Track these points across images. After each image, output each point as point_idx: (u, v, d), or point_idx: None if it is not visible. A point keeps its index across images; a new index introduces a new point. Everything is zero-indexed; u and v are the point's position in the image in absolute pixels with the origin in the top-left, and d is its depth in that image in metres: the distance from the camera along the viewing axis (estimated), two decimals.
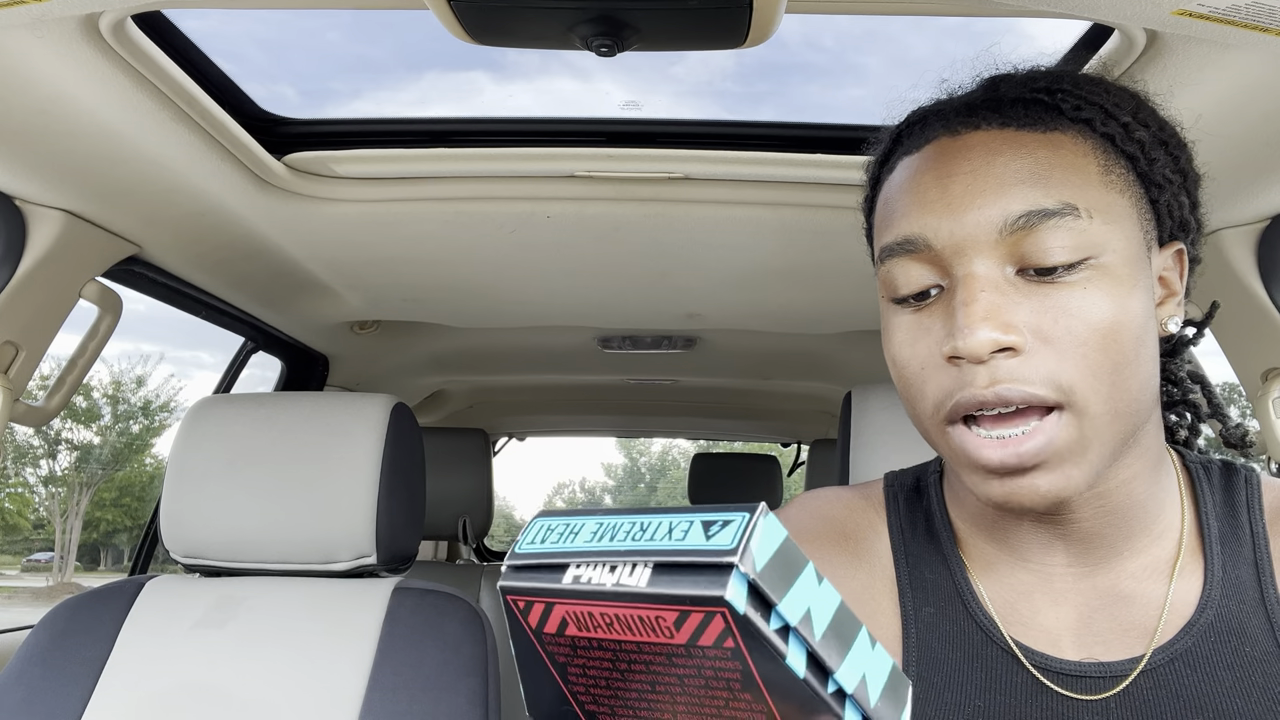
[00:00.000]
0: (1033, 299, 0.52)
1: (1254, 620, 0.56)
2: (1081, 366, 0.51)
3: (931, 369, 0.54)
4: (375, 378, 2.33)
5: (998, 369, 0.51)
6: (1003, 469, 0.51)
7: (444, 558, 3.51)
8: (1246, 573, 0.58)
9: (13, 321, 1.15)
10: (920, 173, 0.57)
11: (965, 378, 0.52)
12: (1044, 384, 0.51)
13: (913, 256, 0.55)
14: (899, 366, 0.57)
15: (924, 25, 0.92)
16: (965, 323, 0.51)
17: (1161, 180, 0.57)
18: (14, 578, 22.20)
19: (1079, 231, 0.52)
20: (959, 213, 0.53)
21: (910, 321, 0.56)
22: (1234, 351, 1.19)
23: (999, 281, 0.52)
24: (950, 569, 0.62)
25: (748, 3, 0.71)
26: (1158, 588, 0.58)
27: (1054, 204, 0.52)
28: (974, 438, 0.52)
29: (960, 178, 0.54)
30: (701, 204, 1.25)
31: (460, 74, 1.26)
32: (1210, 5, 0.62)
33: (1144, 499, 0.58)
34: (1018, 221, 0.52)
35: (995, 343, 0.50)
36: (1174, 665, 0.56)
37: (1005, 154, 0.54)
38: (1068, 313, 0.51)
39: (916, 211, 0.55)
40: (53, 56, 0.83)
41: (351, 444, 1.19)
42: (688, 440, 5.84)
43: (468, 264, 1.50)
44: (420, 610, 1.14)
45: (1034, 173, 0.53)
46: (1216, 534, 0.59)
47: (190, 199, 1.17)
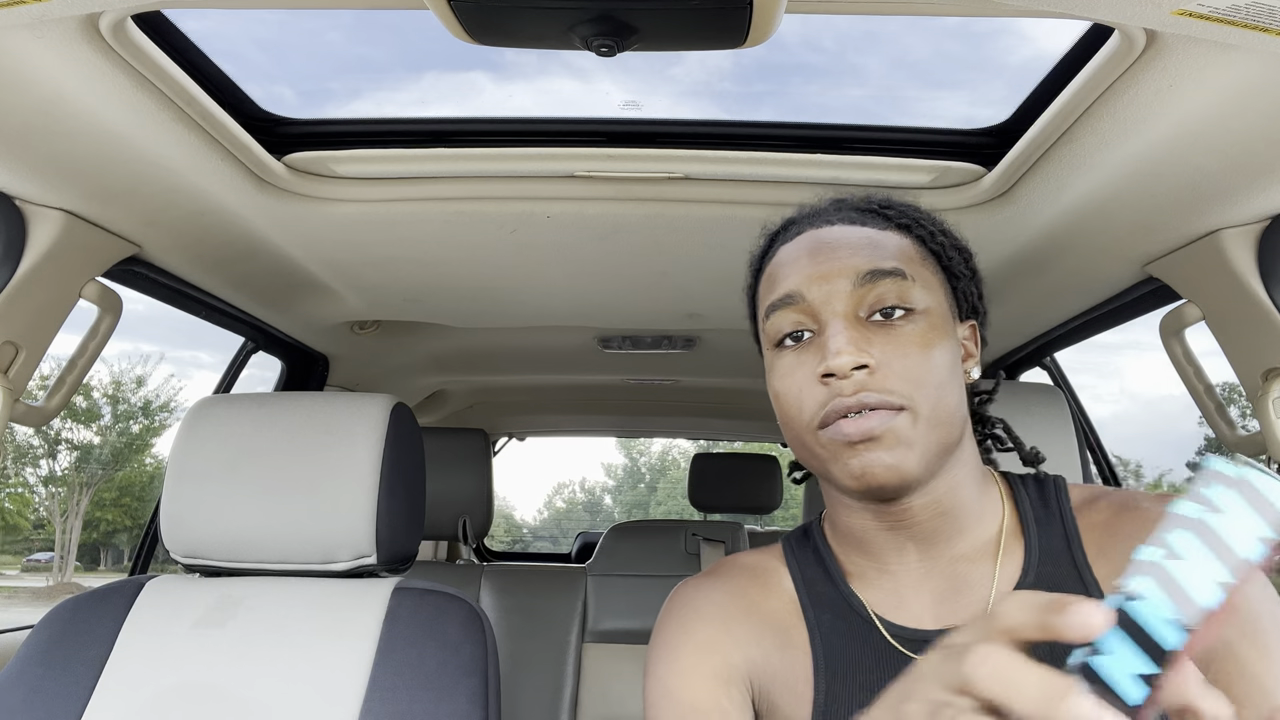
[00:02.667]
0: (879, 335, 0.71)
1: (1068, 577, 0.74)
2: (914, 383, 0.70)
3: (808, 389, 0.72)
4: (375, 378, 2.33)
5: (859, 383, 0.69)
6: (860, 436, 0.69)
7: (444, 558, 3.51)
8: (1058, 543, 0.76)
9: (13, 321, 1.15)
10: (796, 252, 0.77)
11: (835, 391, 0.70)
12: (891, 393, 0.69)
13: (791, 308, 0.75)
14: (781, 393, 0.75)
15: (924, 25, 0.92)
16: (834, 349, 0.70)
17: (959, 273, 0.79)
18: (14, 578, 22.20)
19: (907, 289, 0.73)
20: (825, 273, 0.74)
21: (790, 358, 0.75)
22: (1234, 351, 1.19)
23: (855, 322, 0.72)
24: (836, 583, 0.80)
25: (748, 3, 0.71)
26: (988, 566, 0.76)
27: (889, 266, 0.73)
28: (834, 424, 0.70)
29: (824, 251, 0.75)
30: (701, 204, 1.25)
31: (460, 74, 1.26)
32: (1210, 5, 0.62)
33: (969, 501, 0.76)
34: (864, 277, 0.73)
35: (856, 362, 0.69)
36: None
37: (855, 237, 0.76)
38: (904, 345, 0.71)
39: (795, 276, 0.75)
40: (53, 56, 0.83)
41: (351, 444, 1.19)
42: (688, 440, 5.84)
43: (468, 264, 1.50)
44: (420, 610, 1.14)
45: (875, 247, 0.75)
46: (1033, 518, 0.78)
47: (190, 199, 1.17)
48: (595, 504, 38.49)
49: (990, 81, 1.29)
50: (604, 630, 2.13)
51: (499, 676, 1.13)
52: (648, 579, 2.19)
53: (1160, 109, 0.88)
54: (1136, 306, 1.45)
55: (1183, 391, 1.34)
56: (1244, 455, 1.22)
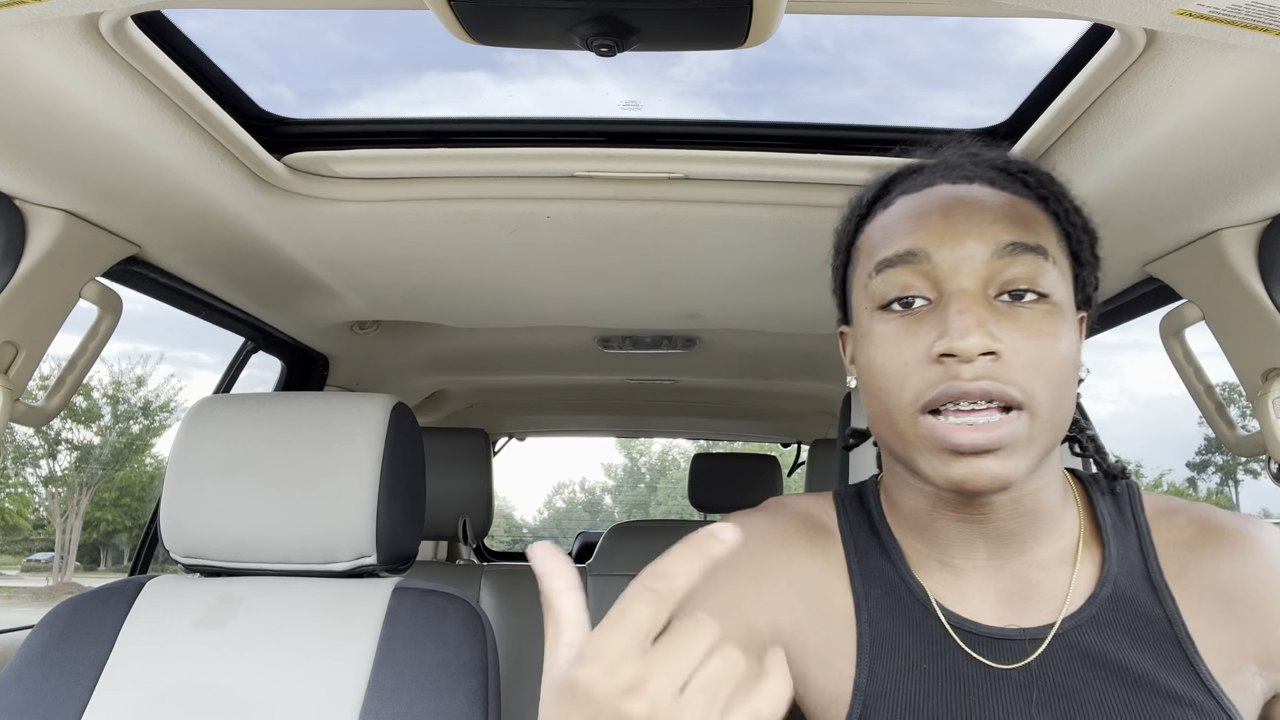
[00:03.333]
0: (1006, 319, 0.63)
1: (1143, 592, 0.69)
2: (1041, 378, 0.62)
3: (915, 365, 0.64)
4: (375, 378, 2.33)
5: (981, 368, 0.61)
6: (972, 449, 0.61)
7: (444, 558, 3.51)
8: (1135, 556, 0.71)
9: (13, 321, 1.15)
10: (924, 205, 0.68)
11: (952, 372, 0.62)
12: (1015, 386, 0.61)
13: (910, 268, 0.65)
14: (880, 365, 0.66)
15: (924, 26, 0.92)
16: (962, 326, 0.61)
17: (1085, 259, 0.71)
18: (14, 578, 22.19)
19: (1045, 271, 0.64)
20: (959, 238, 0.65)
21: (897, 326, 0.66)
22: (1234, 351, 1.19)
23: (984, 300, 0.64)
24: (891, 559, 0.74)
25: (748, 3, 0.71)
26: (1063, 573, 0.71)
27: (1033, 242, 0.65)
28: (946, 424, 0.62)
29: (961, 211, 0.66)
30: (701, 204, 1.25)
31: (460, 74, 1.26)
32: (1210, 5, 0.62)
33: (1050, 505, 0.70)
34: (1005, 249, 0.64)
35: (985, 346, 0.61)
36: (1081, 630, 0.68)
37: (996, 202, 0.67)
38: (1035, 335, 0.63)
39: (921, 232, 0.66)
40: (53, 56, 0.83)
41: (351, 444, 1.19)
42: (688, 440, 5.84)
43: (468, 264, 1.50)
44: (420, 610, 1.14)
45: (1018, 218, 0.66)
46: (1110, 526, 0.73)
47: (190, 199, 1.17)
48: (595, 504, 38.49)
49: (990, 81, 1.29)
50: None
51: (499, 677, 1.13)
52: None
53: (1160, 109, 0.88)
54: (1136, 306, 1.45)
55: (1183, 391, 1.34)
56: (1244, 455, 1.22)
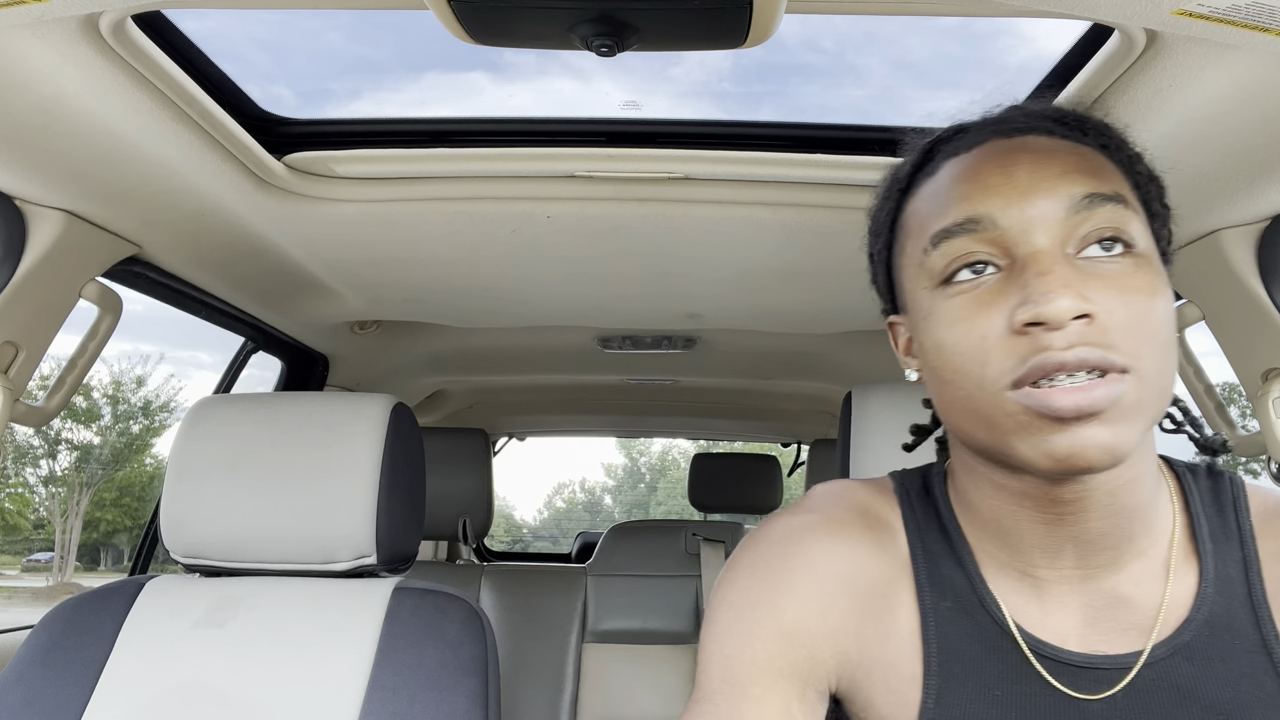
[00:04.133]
0: (1095, 278, 0.55)
1: (1241, 614, 0.60)
2: (1143, 338, 0.54)
3: (995, 340, 0.56)
4: (375, 378, 2.33)
5: (1075, 334, 0.53)
6: (1075, 412, 0.52)
7: (444, 558, 3.51)
8: (1235, 570, 0.62)
9: (13, 321, 1.15)
10: (979, 164, 0.60)
11: (1042, 343, 0.53)
12: (1116, 350, 0.53)
13: (974, 236, 0.58)
14: (952, 343, 0.58)
15: (924, 26, 0.92)
16: (1045, 289, 0.53)
17: (1155, 209, 0.63)
18: (14, 578, 22.18)
19: (1129, 220, 0.57)
20: (1026, 195, 0.57)
21: (965, 301, 0.58)
22: (1234, 351, 1.19)
23: (1066, 259, 0.56)
24: (964, 567, 0.65)
25: (748, 3, 0.71)
26: (1155, 588, 0.62)
27: (1110, 191, 0.57)
28: (1042, 391, 0.53)
29: (1024, 166, 0.58)
30: (701, 204, 1.25)
31: (460, 74, 1.26)
32: (1210, 5, 0.62)
33: (1145, 501, 0.61)
34: (1081, 202, 0.56)
35: (1076, 308, 0.53)
36: (1173, 659, 0.60)
37: (1061, 151, 0.59)
38: (1129, 290, 0.55)
39: (980, 195, 0.58)
40: (53, 56, 0.83)
41: (351, 444, 1.19)
42: (688, 440, 5.84)
43: (468, 264, 1.50)
44: (420, 610, 1.14)
45: (1088, 166, 0.58)
46: (1208, 533, 0.63)
47: (190, 199, 1.17)
48: (595, 504, 38.48)
49: (990, 82, 1.29)
50: (604, 630, 2.13)
51: (499, 676, 1.13)
52: (648, 579, 2.19)
53: (1160, 109, 0.88)
54: None
55: (1183, 391, 1.34)
56: (1244, 455, 1.22)
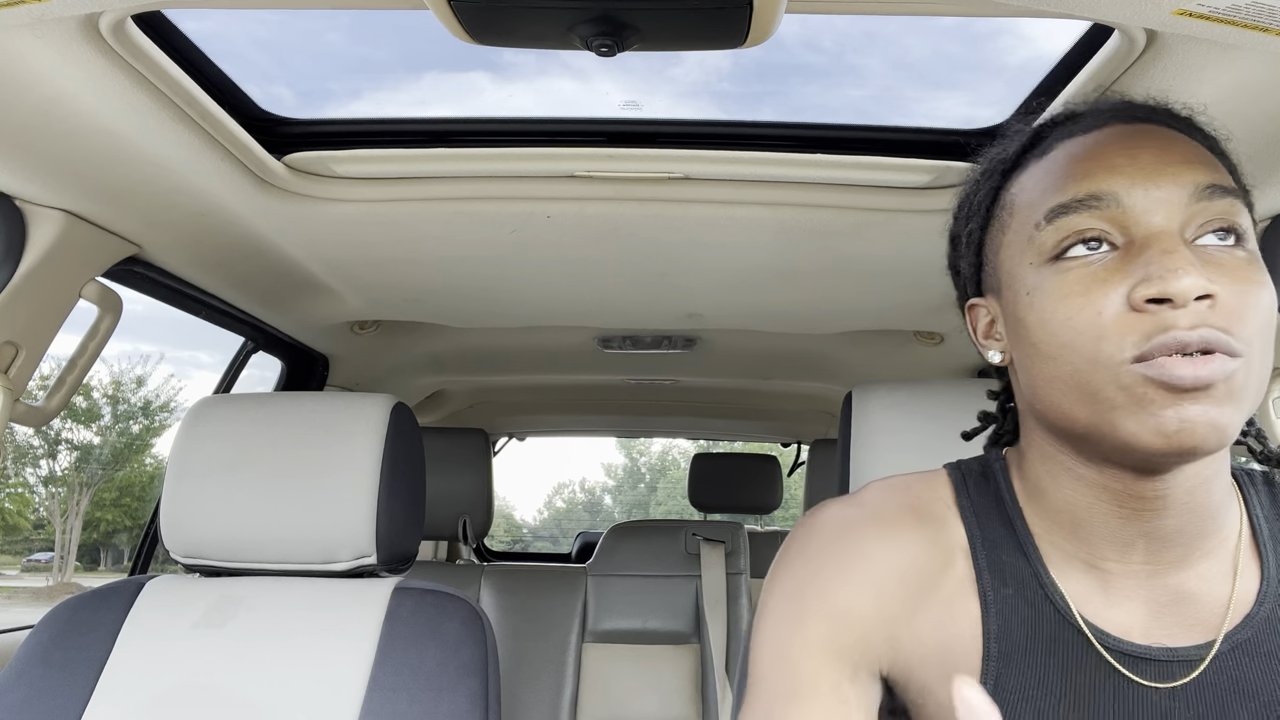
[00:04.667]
0: (1212, 265, 0.55)
1: None
2: (1257, 330, 0.55)
3: (1113, 315, 0.55)
4: (375, 378, 2.33)
5: (1199, 315, 0.53)
6: (1195, 383, 0.53)
7: (444, 558, 3.51)
8: None
9: (13, 321, 1.15)
10: (1101, 144, 0.60)
11: (1165, 321, 0.53)
12: (1234, 336, 0.54)
13: (1093, 213, 0.58)
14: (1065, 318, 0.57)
15: (923, 26, 0.92)
16: (1171, 266, 0.53)
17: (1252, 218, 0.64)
18: (14, 578, 22.17)
19: (1243, 214, 0.58)
20: (1152, 175, 0.57)
21: (1079, 275, 0.58)
22: None
23: (1186, 242, 0.56)
24: (1027, 555, 0.65)
25: (748, 3, 0.71)
26: (1222, 586, 0.62)
27: (1230, 185, 0.58)
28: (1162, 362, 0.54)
29: (1148, 150, 0.59)
30: (701, 204, 1.25)
31: (460, 74, 1.26)
32: (1210, 5, 0.62)
33: (1219, 501, 0.62)
34: (1205, 190, 0.57)
35: (1202, 287, 0.53)
36: (1234, 654, 0.61)
37: (1181, 141, 0.60)
38: (1244, 280, 0.55)
39: (1102, 173, 0.58)
40: (53, 56, 0.83)
41: (351, 444, 1.19)
42: (688, 440, 5.85)
43: (468, 264, 1.50)
44: (420, 610, 1.14)
45: (1208, 159, 0.59)
46: (1268, 534, 0.64)
47: (190, 199, 1.17)
48: (595, 504, 38.46)
49: (990, 82, 1.29)
50: (604, 630, 2.13)
51: (499, 676, 1.13)
52: (648, 579, 2.19)
53: None
54: None
55: None
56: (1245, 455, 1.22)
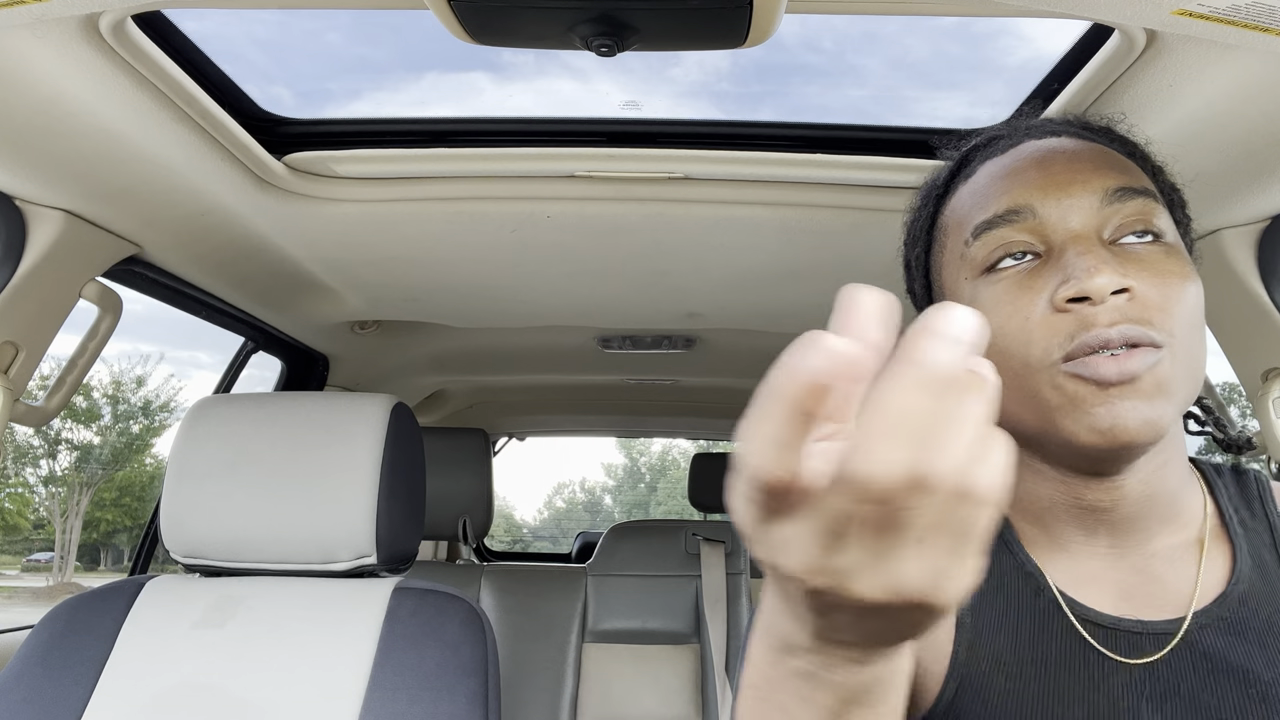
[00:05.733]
0: (1131, 261, 0.58)
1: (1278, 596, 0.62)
2: (1180, 321, 0.56)
3: (1038, 320, 0.58)
4: (375, 378, 2.33)
5: (1118, 310, 0.56)
6: (1120, 377, 0.55)
7: (444, 558, 3.51)
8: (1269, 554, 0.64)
9: (13, 321, 1.15)
10: (1016, 163, 0.64)
11: (1086, 320, 0.56)
12: (1156, 328, 0.56)
13: (1014, 226, 0.61)
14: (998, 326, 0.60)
15: (923, 26, 0.92)
16: (1086, 265, 0.56)
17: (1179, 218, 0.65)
18: (14, 578, 22.17)
19: (1158, 213, 0.60)
20: (1063, 185, 0.60)
21: (1008, 285, 0.60)
22: (1234, 351, 1.19)
23: (1103, 242, 0.59)
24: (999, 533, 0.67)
25: (748, 3, 0.71)
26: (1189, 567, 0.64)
27: (1141, 187, 0.60)
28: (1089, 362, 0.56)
29: (1059, 162, 0.62)
30: (701, 204, 1.25)
31: (460, 74, 1.26)
32: (1210, 5, 0.62)
33: (1175, 487, 0.64)
34: (1115, 193, 0.59)
35: (1117, 283, 0.55)
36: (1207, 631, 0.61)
37: (1092, 150, 0.63)
38: (1164, 273, 0.57)
39: (1019, 188, 0.61)
40: (53, 56, 0.83)
41: (351, 444, 1.19)
42: (688, 440, 5.85)
43: (468, 264, 1.50)
44: (420, 610, 1.14)
45: (1119, 164, 0.62)
46: (1237, 521, 0.65)
47: (190, 199, 1.17)
48: (595, 504, 38.45)
49: (990, 82, 1.29)
50: (604, 630, 2.13)
51: (499, 676, 1.13)
52: (648, 579, 2.19)
53: (1160, 109, 0.88)
54: None
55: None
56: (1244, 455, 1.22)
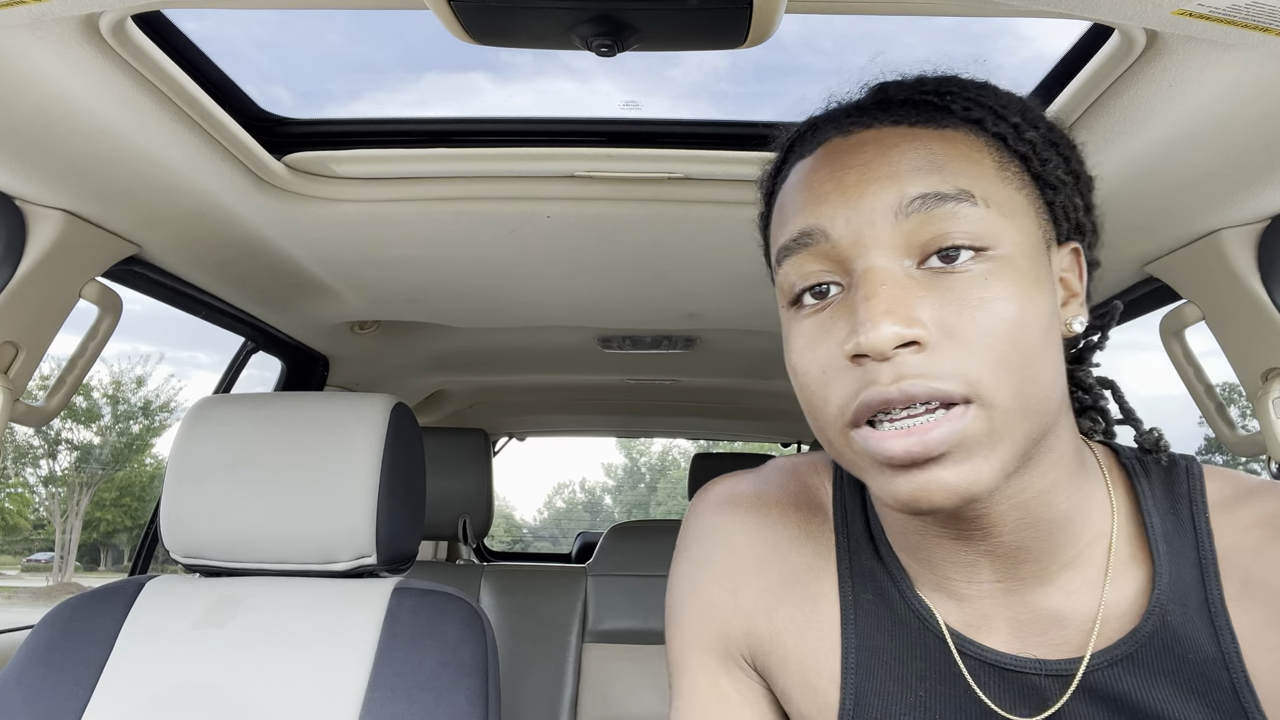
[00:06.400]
0: (935, 292, 0.50)
1: (1198, 625, 0.54)
2: (989, 359, 0.49)
3: (834, 372, 0.52)
4: (375, 378, 2.33)
5: (903, 365, 0.49)
6: (908, 459, 0.49)
7: (444, 558, 3.51)
8: (1190, 573, 0.56)
9: (13, 321, 1.15)
10: (814, 170, 0.56)
11: (869, 376, 0.50)
12: (950, 378, 0.49)
13: (810, 252, 0.54)
14: (799, 374, 0.55)
15: (923, 27, 0.92)
16: (867, 316, 0.49)
17: (1055, 181, 0.56)
18: (14, 578, 22.18)
19: (976, 220, 0.51)
20: (854, 200, 0.52)
21: (811, 325, 0.54)
22: (1234, 351, 1.19)
23: (899, 276, 0.51)
24: (883, 559, 0.62)
25: (748, 3, 0.71)
26: (1091, 599, 0.56)
27: (950, 189, 0.51)
28: (876, 434, 0.50)
29: (854, 169, 0.53)
30: (701, 204, 1.25)
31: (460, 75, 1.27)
32: (1210, 5, 0.62)
33: (1067, 509, 0.56)
34: (913, 204, 0.51)
35: (899, 337, 0.48)
36: (1114, 670, 0.55)
37: (899, 146, 0.54)
38: (972, 304, 0.50)
39: (812, 205, 0.54)
40: (53, 56, 0.83)
41: (351, 444, 1.19)
42: (688, 440, 5.85)
43: (468, 264, 1.50)
44: (420, 610, 1.14)
45: (929, 161, 0.52)
46: (1160, 532, 0.57)
47: (190, 199, 1.17)
48: (595, 504, 38.46)
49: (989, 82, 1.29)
50: (604, 630, 2.13)
51: (499, 676, 1.13)
52: (648, 579, 2.19)
53: (1160, 109, 0.88)
54: (1136, 306, 1.44)
55: (1183, 391, 1.34)
56: (1244, 455, 1.22)
